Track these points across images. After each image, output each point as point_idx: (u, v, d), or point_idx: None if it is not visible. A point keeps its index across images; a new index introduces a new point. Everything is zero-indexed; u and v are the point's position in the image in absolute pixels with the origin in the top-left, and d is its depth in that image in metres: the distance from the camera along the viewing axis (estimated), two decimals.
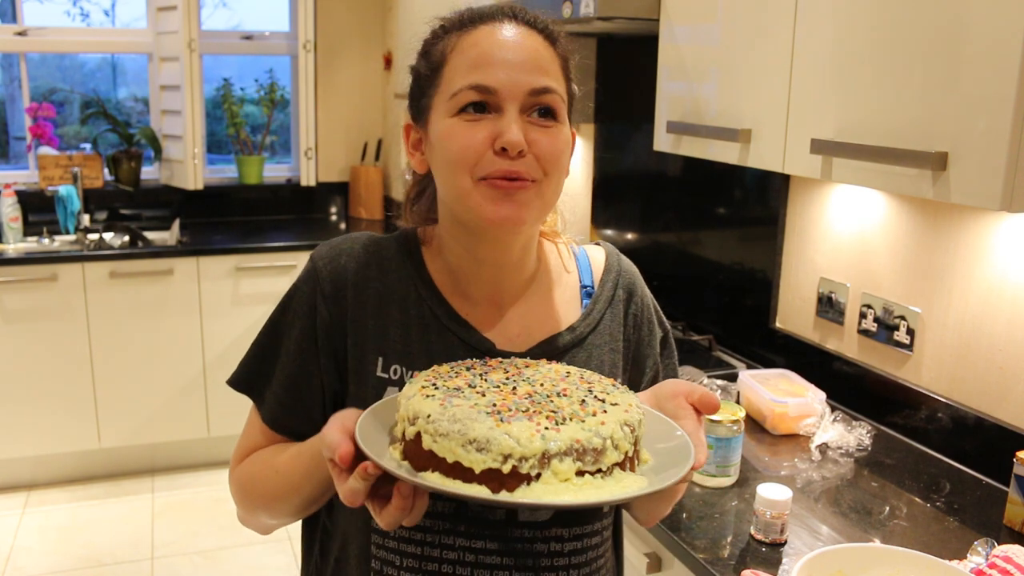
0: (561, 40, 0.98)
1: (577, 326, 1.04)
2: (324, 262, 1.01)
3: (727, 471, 1.58)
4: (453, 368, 0.90)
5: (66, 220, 3.72)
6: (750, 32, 1.71)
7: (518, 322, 1.03)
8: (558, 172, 0.94)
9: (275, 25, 4.27)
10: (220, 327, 3.62)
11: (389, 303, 1.01)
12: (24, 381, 3.41)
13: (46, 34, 3.90)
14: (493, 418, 0.78)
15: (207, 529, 3.26)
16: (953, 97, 1.25)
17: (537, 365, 0.93)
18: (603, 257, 1.12)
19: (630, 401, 0.86)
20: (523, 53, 0.93)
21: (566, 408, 0.81)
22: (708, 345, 2.38)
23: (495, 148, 0.90)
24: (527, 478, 0.75)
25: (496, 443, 0.75)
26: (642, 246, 2.85)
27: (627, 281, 1.10)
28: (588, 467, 0.77)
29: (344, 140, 4.36)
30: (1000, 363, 1.63)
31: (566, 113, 0.96)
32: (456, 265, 1.02)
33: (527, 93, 0.91)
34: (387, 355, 0.99)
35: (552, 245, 1.11)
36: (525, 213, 0.92)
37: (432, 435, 0.78)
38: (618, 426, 0.80)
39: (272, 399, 1.02)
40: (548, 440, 0.75)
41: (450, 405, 0.80)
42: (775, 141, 1.65)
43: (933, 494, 1.59)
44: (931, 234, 1.76)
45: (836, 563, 1.03)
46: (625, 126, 2.86)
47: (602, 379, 0.92)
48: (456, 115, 0.92)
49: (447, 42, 0.95)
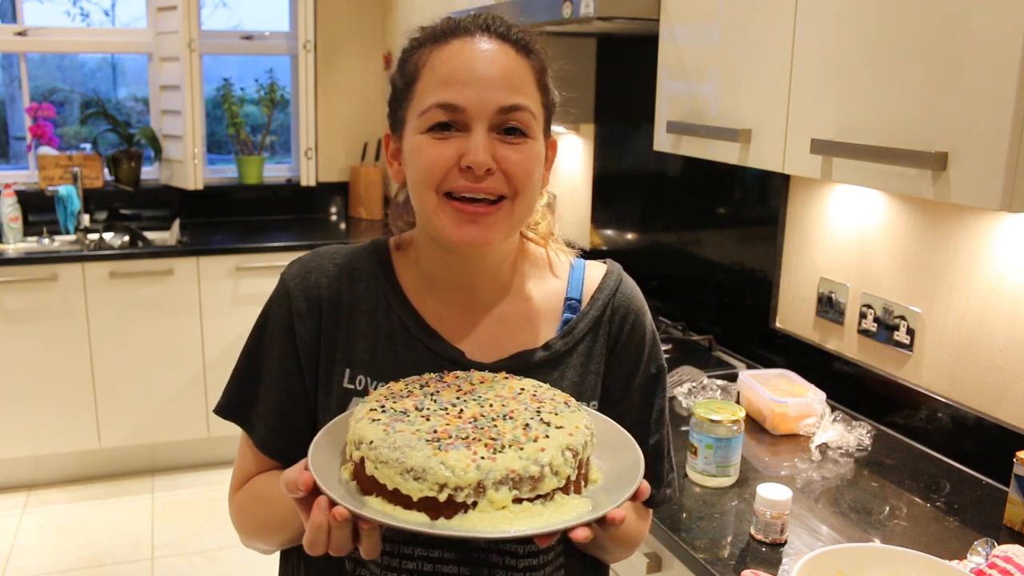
0: (536, 50, 0.97)
1: (553, 343, 1.02)
2: (295, 281, 1.01)
3: (727, 471, 1.58)
4: (408, 385, 0.91)
5: (66, 220, 3.72)
6: (750, 32, 1.71)
7: (491, 330, 1.02)
8: (529, 188, 0.93)
9: (275, 25, 4.27)
10: (220, 327, 3.62)
11: (358, 314, 1.00)
12: (24, 381, 3.41)
13: (46, 34, 3.90)
14: (432, 446, 0.78)
15: (207, 529, 3.26)
16: (953, 97, 1.25)
17: (492, 381, 0.93)
18: (600, 274, 1.08)
19: (577, 423, 0.85)
20: (493, 69, 0.91)
21: (508, 434, 0.81)
22: (708, 345, 2.38)
23: (461, 166, 0.90)
24: (464, 506, 0.76)
25: (432, 472, 0.76)
26: (642, 246, 2.85)
27: (622, 304, 1.06)
28: (526, 494, 0.78)
29: (344, 140, 4.36)
30: (1000, 363, 1.63)
31: (540, 127, 0.95)
32: (431, 271, 1.02)
33: (495, 111, 0.90)
34: (354, 366, 0.99)
35: (540, 249, 1.09)
36: (491, 235, 0.92)
37: (374, 462, 0.79)
38: (559, 452, 0.80)
39: (261, 424, 1.02)
40: (483, 471, 0.76)
41: (393, 431, 0.81)
42: (775, 141, 1.65)
43: (933, 494, 1.59)
44: (931, 234, 1.76)
45: (836, 563, 1.03)
46: (625, 126, 2.86)
47: (555, 396, 0.91)
48: (425, 132, 0.92)
49: (420, 55, 0.95)
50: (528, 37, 0.97)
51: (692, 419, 1.59)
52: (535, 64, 0.96)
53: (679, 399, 1.94)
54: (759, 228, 2.28)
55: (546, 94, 0.98)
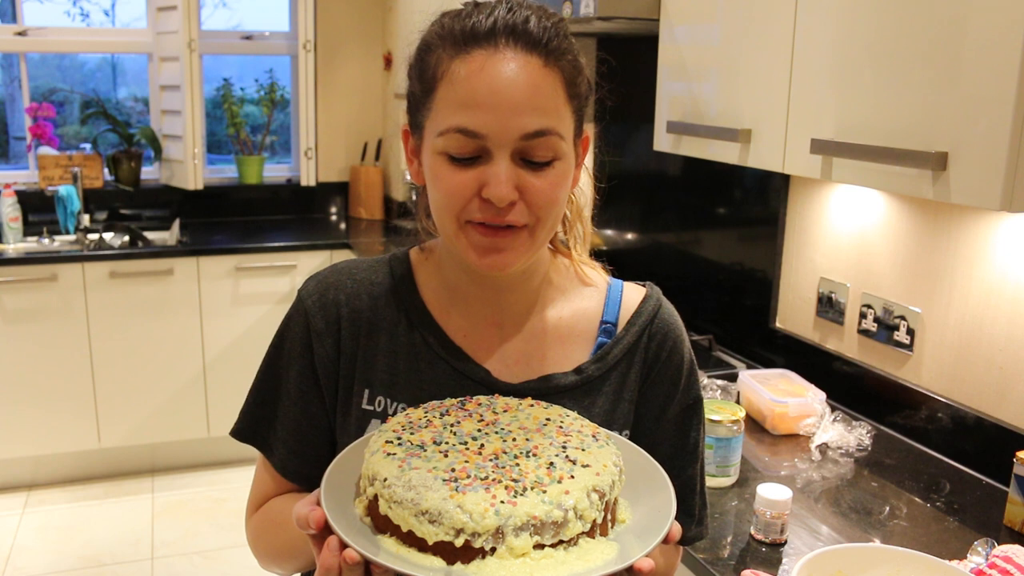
0: (565, 49, 0.88)
1: (586, 368, 0.97)
2: (313, 299, 0.98)
3: (727, 471, 1.58)
4: (427, 414, 0.87)
5: (66, 220, 3.72)
6: (750, 32, 1.71)
7: (519, 348, 0.98)
8: (553, 214, 0.89)
9: (275, 25, 4.27)
10: (220, 327, 3.62)
11: (378, 332, 0.97)
12: (24, 381, 3.40)
13: (46, 34, 3.90)
14: (449, 487, 0.74)
15: (207, 529, 3.26)
16: (953, 97, 1.25)
17: (517, 409, 0.88)
18: (639, 298, 1.02)
19: (605, 461, 0.80)
20: (517, 92, 0.83)
21: (530, 474, 0.77)
22: (708, 345, 2.38)
23: (482, 196, 0.85)
24: (482, 551, 0.72)
25: (448, 516, 0.72)
26: (642, 246, 2.85)
27: (660, 330, 1.00)
28: (547, 540, 0.73)
29: (344, 140, 4.35)
30: (1000, 363, 1.63)
31: (570, 140, 0.89)
32: (454, 282, 0.98)
33: (519, 138, 0.84)
34: (373, 386, 0.96)
35: (566, 261, 1.04)
36: (513, 259, 0.88)
37: (387, 501, 0.75)
38: (584, 494, 0.75)
39: (280, 446, 0.99)
40: (502, 516, 0.72)
41: (408, 468, 0.77)
42: (775, 141, 1.65)
43: (933, 494, 1.59)
44: (931, 234, 1.76)
45: (836, 563, 1.03)
46: (625, 126, 2.86)
47: (583, 428, 0.86)
48: (443, 154, 0.86)
49: (440, 60, 0.87)
50: (557, 34, 0.88)
51: None
52: (565, 71, 0.88)
53: None
54: (759, 228, 2.28)
55: (576, 99, 0.90)
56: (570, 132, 0.89)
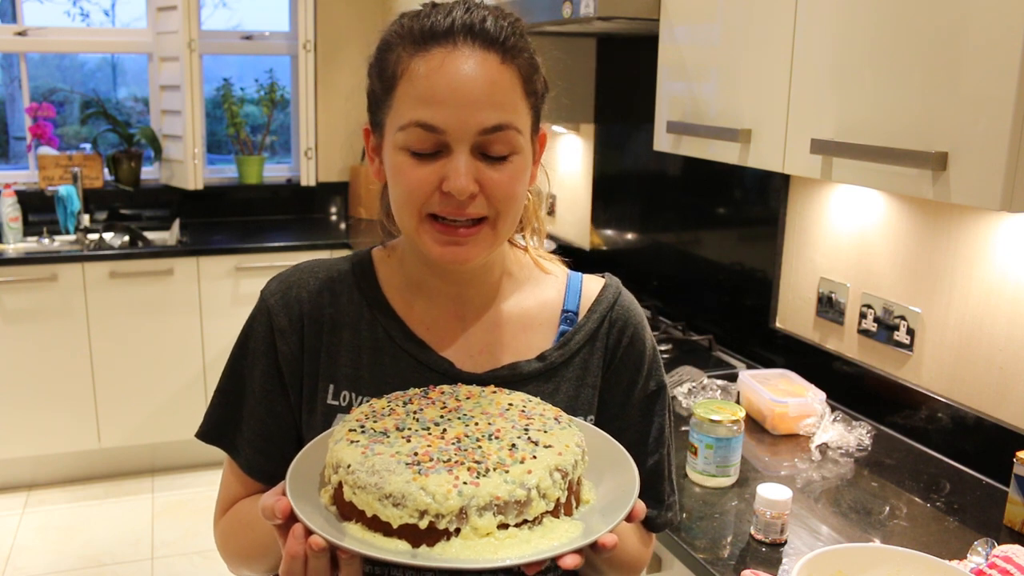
0: (522, 47, 0.90)
1: (549, 355, 0.99)
2: (276, 297, 0.98)
3: (727, 471, 1.58)
4: (390, 403, 0.88)
5: (66, 220, 3.72)
6: (750, 32, 1.71)
7: (482, 338, 0.99)
8: (513, 207, 0.90)
9: (275, 25, 4.27)
10: (220, 327, 3.62)
11: (340, 328, 0.98)
12: (24, 381, 3.41)
13: (46, 34, 3.90)
14: (411, 470, 0.75)
15: (207, 529, 3.26)
16: (953, 97, 1.25)
17: (479, 396, 0.89)
18: (598, 287, 1.04)
19: (567, 441, 0.82)
20: (475, 87, 0.86)
21: (493, 456, 0.78)
22: (708, 345, 2.38)
23: (442, 189, 0.87)
24: (447, 533, 0.73)
25: (412, 498, 0.73)
26: (642, 246, 2.85)
27: (621, 316, 1.03)
28: (511, 520, 0.74)
29: (344, 140, 4.36)
30: (1000, 363, 1.63)
31: (527, 136, 0.91)
32: (416, 277, 1.00)
33: (477, 132, 0.86)
34: (337, 381, 0.96)
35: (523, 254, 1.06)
36: (473, 253, 0.90)
37: (351, 487, 0.76)
38: (547, 473, 0.76)
39: (246, 446, 0.99)
40: (465, 497, 0.73)
41: (371, 453, 0.78)
42: (775, 141, 1.65)
43: (933, 494, 1.59)
44: (931, 234, 1.76)
45: (836, 563, 1.03)
46: (625, 126, 2.86)
47: (545, 411, 0.87)
48: (404, 149, 0.88)
49: (399, 59, 0.90)
50: (513, 33, 0.90)
51: (692, 419, 1.59)
52: (522, 68, 0.90)
53: (679, 399, 1.94)
54: (759, 228, 2.28)
55: (534, 95, 0.93)
56: (527, 127, 0.92)
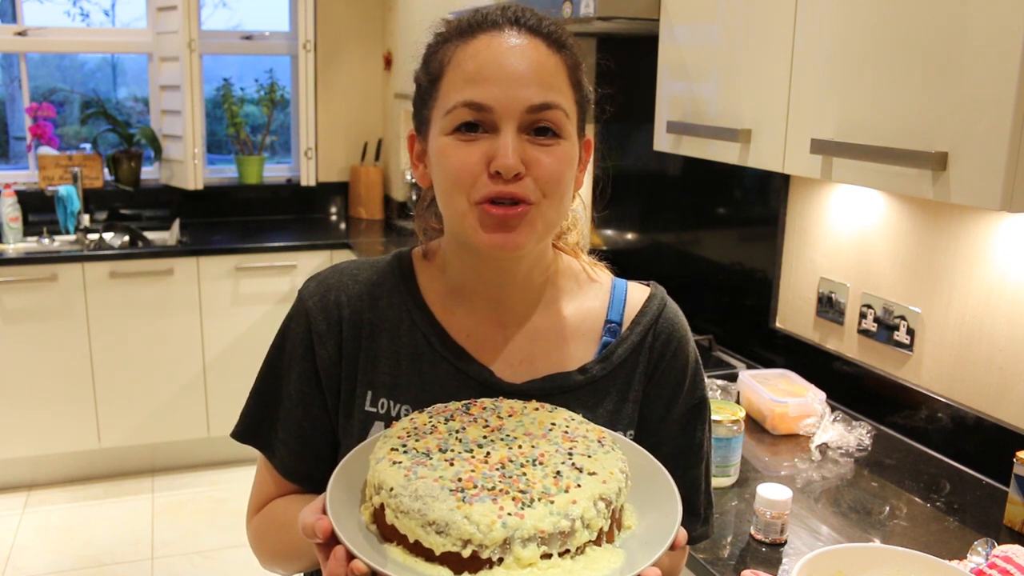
0: (569, 45, 0.91)
1: (590, 368, 0.96)
2: (314, 300, 0.97)
3: (727, 471, 1.58)
4: (431, 419, 0.87)
5: (66, 220, 3.72)
6: (750, 32, 1.71)
7: (523, 347, 0.97)
8: (560, 192, 0.88)
9: (275, 25, 4.27)
10: (220, 327, 3.62)
11: (379, 333, 0.96)
12: (24, 381, 3.41)
13: (46, 34, 3.90)
14: (455, 497, 0.74)
15: (207, 529, 3.26)
16: (953, 97, 1.25)
17: (521, 413, 0.88)
18: (643, 297, 1.02)
19: (611, 467, 0.81)
20: (523, 65, 0.86)
21: (537, 484, 0.77)
22: (708, 345, 2.38)
23: (490, 171, 0.84)
24: (489, 562, 0.72)
25: (456, 527, 0.72)
26: (642, 246, 2.85)
27: (665, 329, 1.00)
28: (555, 549, 0.74)
29: (344, 140, 4.36)
30: (1000, 363, 1.63)
31: (573, 126, 0.90)
32: (458, 281, 0.98)
33: (525, 110, 0.85)
34: (376, 388, 0.95)
35: (571, 259, 1.03)
36: (522, 239, 0.87)
37: (394, 510, 0.75)
38: (591, 503, 0.76)
39: (281, 447, 0.98)
40: (510, 528, 0.72)
41: (414, 477, 0.77)
42: (775, 141, 1.65)
43: (933, 494, 1.59)
44: (931, 234, 1.76)
45: (836, 563, 1.03)
46: (625, 126, 2.86)
47: (588, 433, 0.86)
48: (451, 133, 0.87)
49: (446, 51, 0.90)
50: (560, 31, 0.91)
51: None
52: (568, 60, 0.90)
53: None
54: (759, 228, 2.28)
55: (579, 91, 0.92)
56: (574, 119, 0.90)
